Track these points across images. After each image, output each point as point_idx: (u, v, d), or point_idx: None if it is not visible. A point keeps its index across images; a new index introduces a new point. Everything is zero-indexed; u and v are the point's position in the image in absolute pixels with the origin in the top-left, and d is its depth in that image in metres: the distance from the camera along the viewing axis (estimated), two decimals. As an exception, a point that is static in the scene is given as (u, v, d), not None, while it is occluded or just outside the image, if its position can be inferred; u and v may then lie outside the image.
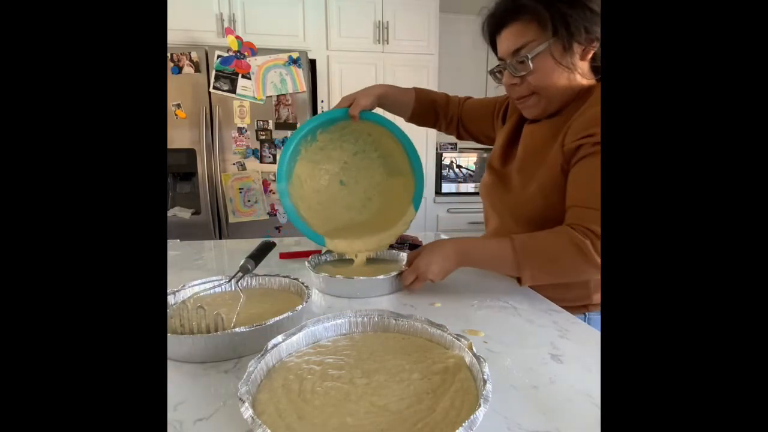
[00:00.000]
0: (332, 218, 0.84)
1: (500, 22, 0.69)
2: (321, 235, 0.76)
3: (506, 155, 0.82)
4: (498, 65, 0.73)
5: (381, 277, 0.66)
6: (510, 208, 0.77)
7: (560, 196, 0.66)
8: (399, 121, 0.87)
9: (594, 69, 0.69)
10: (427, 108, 0.96)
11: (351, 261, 0.78)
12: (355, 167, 0.87)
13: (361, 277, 0.65)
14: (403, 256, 0.78)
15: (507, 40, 0.68)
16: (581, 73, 0.68)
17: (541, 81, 0.67)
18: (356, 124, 0.78)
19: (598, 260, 0.58)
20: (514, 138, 0.81)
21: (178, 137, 2.06)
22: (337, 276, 0.66)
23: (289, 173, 0.78)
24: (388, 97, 0.86)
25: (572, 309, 0.62)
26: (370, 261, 0.79)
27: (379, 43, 2.48)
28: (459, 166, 3.24)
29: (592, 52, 0.66)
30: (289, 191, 0.77)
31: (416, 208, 0.80)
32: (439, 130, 1.01)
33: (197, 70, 2.02)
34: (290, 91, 2.13)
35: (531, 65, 0.65)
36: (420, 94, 0.95)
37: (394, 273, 0.67)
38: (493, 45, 0.73)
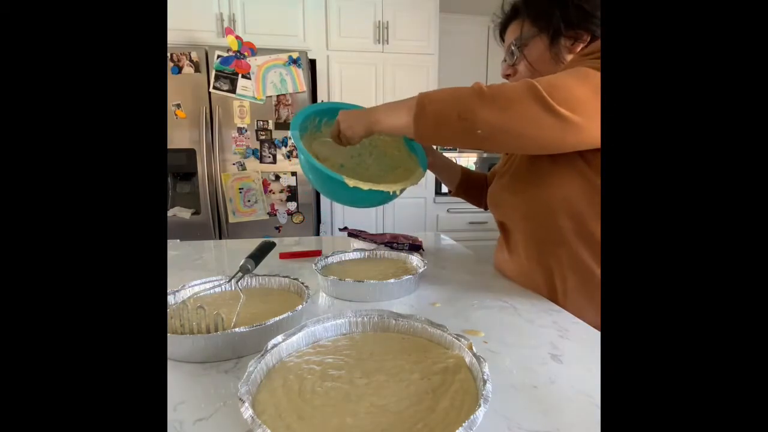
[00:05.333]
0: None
1: (503, 25, 0.79)
2: (339, 175, 0.70)
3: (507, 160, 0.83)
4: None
5: (392, 280, 0.64)
6: (525, 202, 0.71)
7: (577, 181, 0.63)
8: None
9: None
10: (477, 179, 1.01)
11: (358, 262, 0.78)
12: (352, 170, 0.88)
13: (372, 281, 0.64)
14: (411, 258, 0.78)
15: (506, 39, 0.79)
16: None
17: (528, 67, 0.74)
18: None
19: (554, 105, 0.52)
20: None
21: (178, 137, 2.06)
22: (347, 279, 0.64)
23: (304, 127, 0.80)
24: (434, 165, 0.94)
25: None
26: (375, 263, 0.78)
27: (379, 43, 2.48)
28: (459, 166, 3.23)
29: (580, 46, 0.69)
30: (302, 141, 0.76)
31: (423, 167, 0.82)
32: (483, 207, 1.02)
33: (197, 70, 2.03)
34: (290, 91, 2.13)
35: (518, 52, 0.74)
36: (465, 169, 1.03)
37: (406, 277, 0.65)
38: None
